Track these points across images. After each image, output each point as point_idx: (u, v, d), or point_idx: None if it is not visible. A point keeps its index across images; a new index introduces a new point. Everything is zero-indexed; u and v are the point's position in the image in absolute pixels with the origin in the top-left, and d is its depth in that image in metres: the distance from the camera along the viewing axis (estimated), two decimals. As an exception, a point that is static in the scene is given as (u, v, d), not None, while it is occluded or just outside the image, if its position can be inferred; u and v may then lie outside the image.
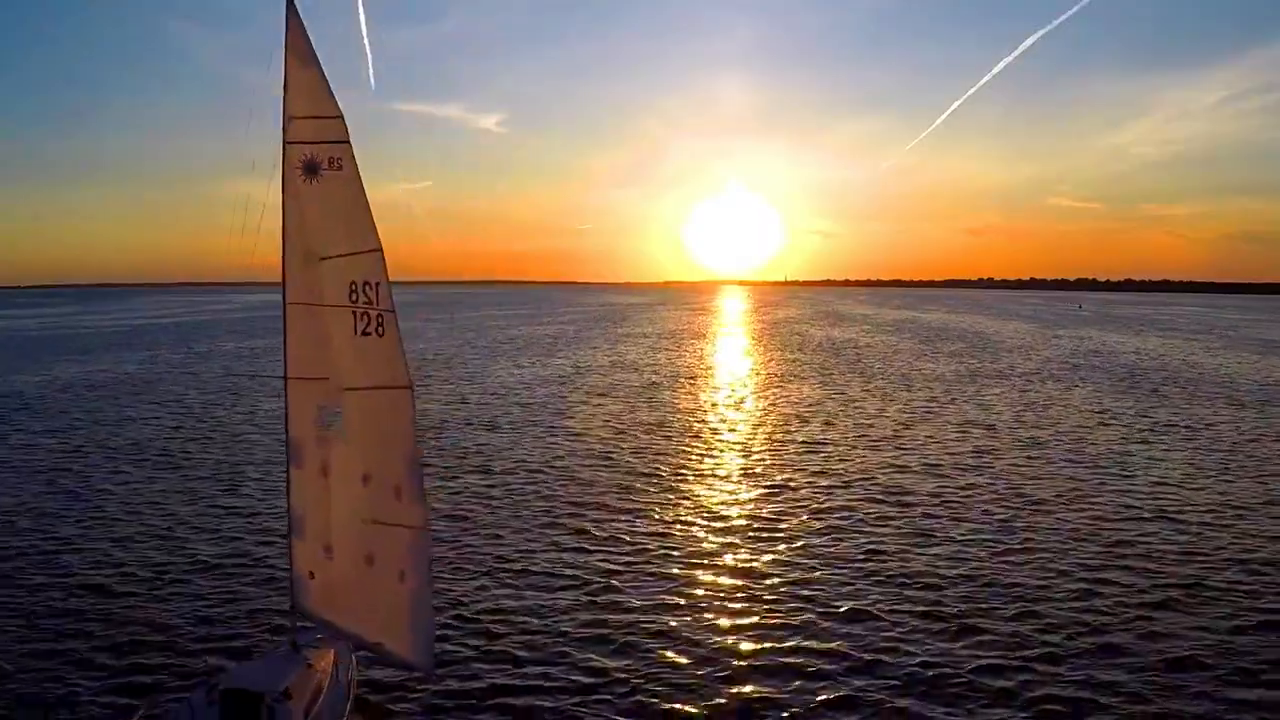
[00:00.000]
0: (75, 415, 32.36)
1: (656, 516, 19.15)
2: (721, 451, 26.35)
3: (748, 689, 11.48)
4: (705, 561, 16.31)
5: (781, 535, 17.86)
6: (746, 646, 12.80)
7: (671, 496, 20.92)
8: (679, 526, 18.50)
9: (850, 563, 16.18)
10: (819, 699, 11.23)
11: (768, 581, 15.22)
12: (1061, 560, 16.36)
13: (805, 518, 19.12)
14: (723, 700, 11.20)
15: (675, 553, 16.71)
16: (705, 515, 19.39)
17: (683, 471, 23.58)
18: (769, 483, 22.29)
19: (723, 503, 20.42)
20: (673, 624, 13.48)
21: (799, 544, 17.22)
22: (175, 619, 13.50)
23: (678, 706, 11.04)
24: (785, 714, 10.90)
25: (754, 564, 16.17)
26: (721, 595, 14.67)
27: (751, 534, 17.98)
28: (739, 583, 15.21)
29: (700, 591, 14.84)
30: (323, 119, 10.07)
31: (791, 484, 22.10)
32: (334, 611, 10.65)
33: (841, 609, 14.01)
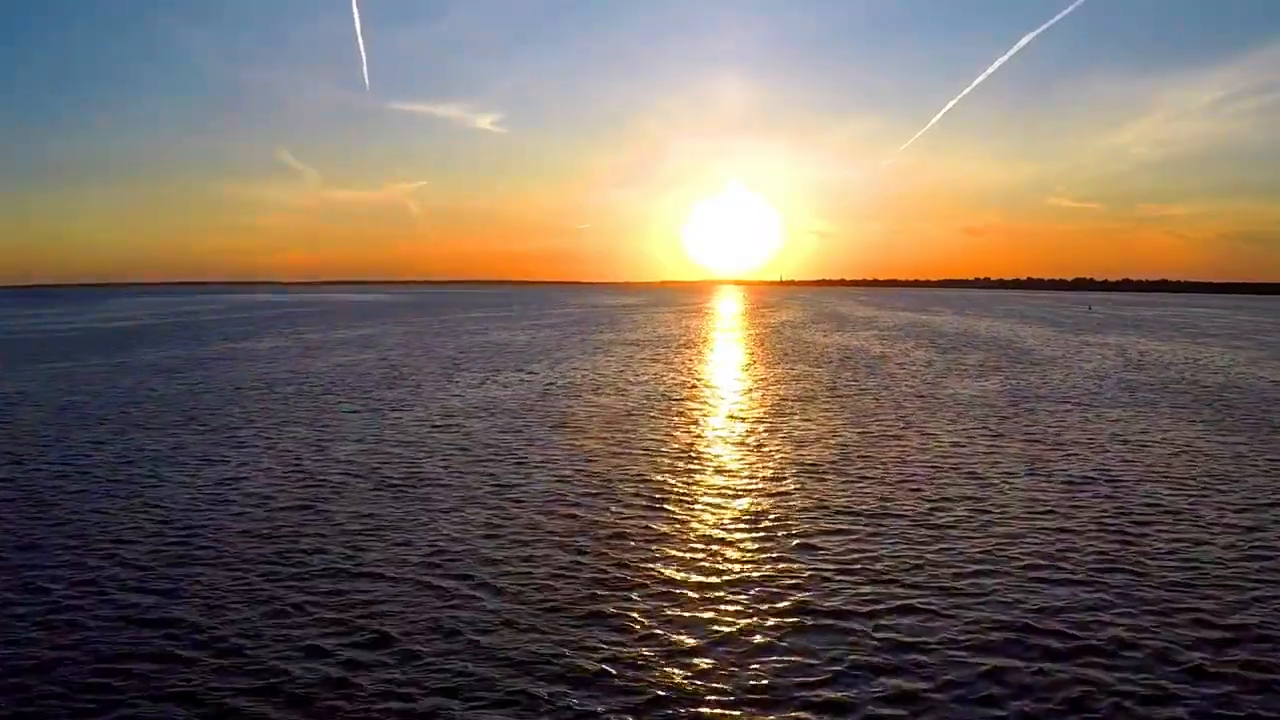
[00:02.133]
0: None
1: (626, 647, 11.33)
2: (721, 528, 18.35)
3: None
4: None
5: (825, 677, 10.09)
6: None
7: (650, 608, 13.08)
8: (661, 661, 10.68)
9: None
10: None
11: None
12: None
13: (859, 657, 11.31)
14: None
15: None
16: (701, 645, 11.55)
17: (667, 564, 15.61)
18: (791, 591, 14.41)
19: (729, 623, 12.58)
20: None
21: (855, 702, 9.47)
22: None
23: None
24: None
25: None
26: None
27: (780, 677, 10.24)
28: None
29: None
30: None
31: (830, 602, 14.18)
32: None
33: None
